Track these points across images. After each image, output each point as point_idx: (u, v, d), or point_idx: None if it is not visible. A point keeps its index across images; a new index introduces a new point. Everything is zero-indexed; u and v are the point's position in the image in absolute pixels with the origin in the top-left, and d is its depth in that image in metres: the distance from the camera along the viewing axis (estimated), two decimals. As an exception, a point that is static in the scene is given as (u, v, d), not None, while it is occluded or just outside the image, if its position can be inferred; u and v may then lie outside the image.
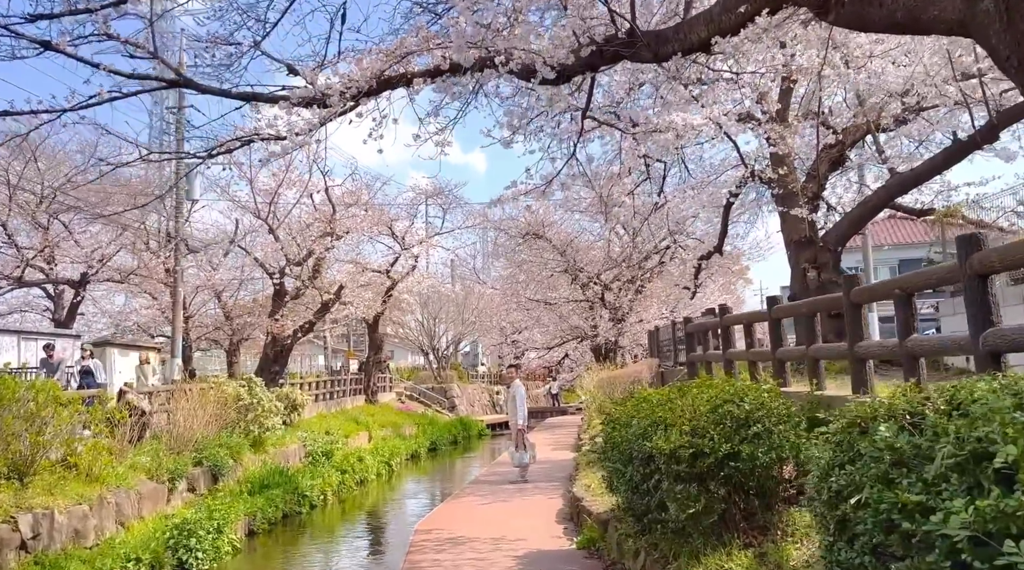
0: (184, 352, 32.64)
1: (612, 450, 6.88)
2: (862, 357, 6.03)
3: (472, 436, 36.52)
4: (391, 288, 30.70)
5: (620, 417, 7.00)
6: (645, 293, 30.34)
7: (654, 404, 6.04)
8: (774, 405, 5.19)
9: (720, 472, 4.95)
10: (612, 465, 6.80)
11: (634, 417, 6.36)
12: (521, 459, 14.24)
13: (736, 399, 5.22)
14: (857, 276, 6.18)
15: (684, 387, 6.30)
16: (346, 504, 17.96)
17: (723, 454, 4.95)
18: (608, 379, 21.65)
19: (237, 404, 17.24)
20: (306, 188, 21.07)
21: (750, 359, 8.66)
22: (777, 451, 4.99)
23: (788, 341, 12.05)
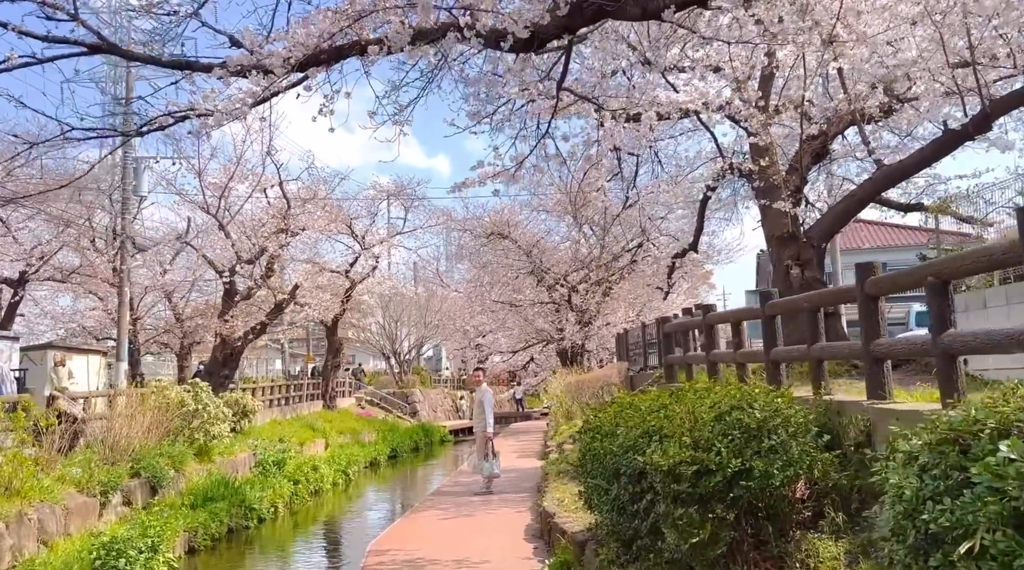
0: (132, 356, 31.23)
1: (592, 463, 6.01)
2: (880, 357, 5.23)
3: (434, 442, 35.49)
4: (351, 289, 29.60)
5: (601, 425, 6.14)
6: (613, 295, 29.62)
7: (644, 411, 5.19)
8: (789, 412, 4.36)
9: (728, 493, 4.11)
10: (592, 481, 5.94)
11: (619, 426, 5.51)
12: (491, 469, 13.30)
13: (745, 405, 4.38)
14: (873, 264, 5.38)
15: (679, 391, 5.46)
16: (298, 517, 16.88)
17: (732, 471, 4.10)
18: (576, 383, 20.84)
19: (181, 410, 16.10)
20: (259, 182, 19.97)
21: (739, 361, 7.86)
22: (796, 467, 4.16)
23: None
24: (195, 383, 16.93)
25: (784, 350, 6.75)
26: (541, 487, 12.08)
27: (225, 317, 19.59)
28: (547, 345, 34.84)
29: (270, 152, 19.22)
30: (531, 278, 31.11)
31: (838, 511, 4.27)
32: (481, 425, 13.71)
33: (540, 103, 8.65)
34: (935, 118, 11.40)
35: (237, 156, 19.40)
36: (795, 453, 4.16)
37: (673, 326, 10.91)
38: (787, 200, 11.56)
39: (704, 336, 8.91)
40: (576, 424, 19.39)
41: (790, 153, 12.83)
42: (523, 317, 31.80)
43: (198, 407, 16.17)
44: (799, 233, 11.99)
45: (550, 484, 10.78)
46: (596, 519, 6.75)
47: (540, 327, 32.20)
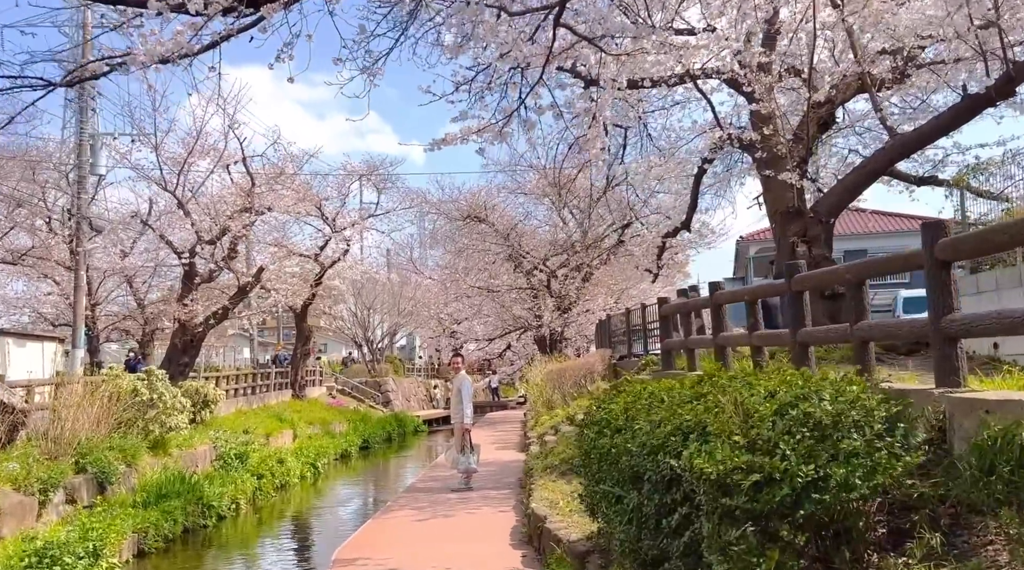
0: (91, 343, 29.86)
1: (599, 464, 5.02)
2: (955, 335, 4.28)
3: (408, 433, 34.42)
4: (321, 274, 28.38)
5: (610, 418, 5.13)
6: (593, 281, 28.71)
7: (673, 402, 4.19)
8: (871, 404, 3.38)
9: (797, 510, 3.14)
10: (600, 486, 4.94)
11: (635, 419, 4.51)
12: (466, 463, 12.28)
13: (813, 395, 3.41)
14: (944, 224, 4.42)
15: (714, 377, 4.46)
16: (263, 513, 15.78)
17: (803, 481, 3.12)
18: (557, 372, 19.89)
19: (134, 400, 14.91)
20: (221, 158, 18.71)
21: (756, 344, 6.90)
22: (883, 474, 3.20)
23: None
24: (150, 371, 15.73)
25: (819, 330, 5.80)
26: (526, 484, 11.10)
27: (184, 301, 18.36)
28: (524, 333, 33.90)
29: (232, 126, 17.99)
30: (508, 264, 30.13)
31: (932, 530, 3.30)
32: (459, 416, 12.67)
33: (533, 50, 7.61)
34: (955, 82, 10.53)
35: (196, 129, 18.15)
36: (883, 457, 3.19)
37: (672, 308, 9.96)
38: (793, 171, 10.63)
39: (711, 317, 7.94)
40: (558, 414, 18.43)
41: (791, 125, 11.90)
42: (500, 304, 30.82)
43: (153, 396, 14.98)
44: (805, 208, 11.08)
45: (536, 481, 9.79)
46: (599, 527, 5.77)
47: (518, 314, 31.24)
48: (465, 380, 12.76)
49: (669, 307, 10.04)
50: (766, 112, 11.17)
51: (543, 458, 12.18)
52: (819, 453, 3.18)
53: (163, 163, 18.13)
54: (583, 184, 17.90)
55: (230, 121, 18.04)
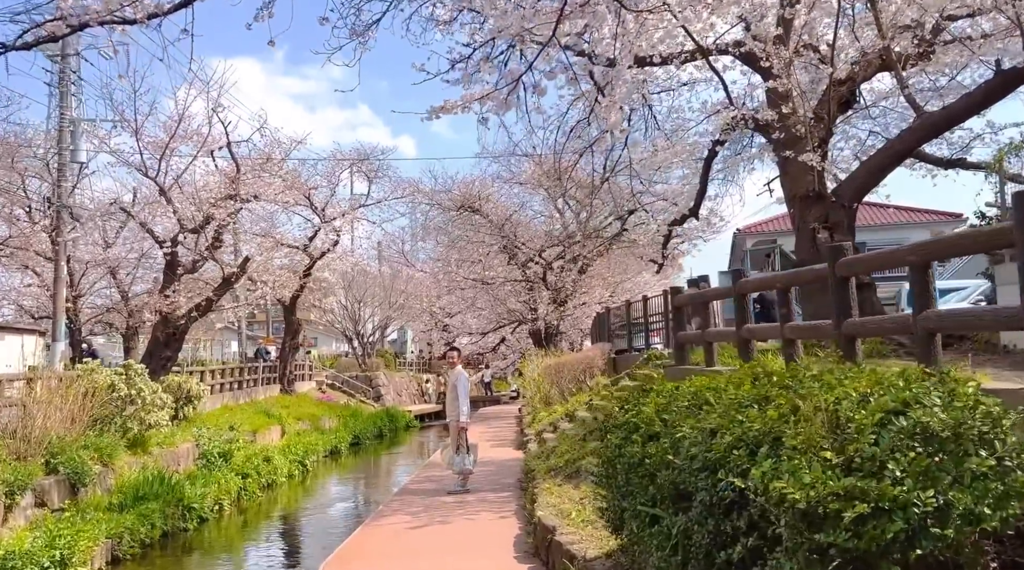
0: (72, 336, 29.00)
1: (628, 476, 4.29)
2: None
3: (399, 428, 33.68)
4: (310, 266, 27.58)
5: (640, 421, 4.41)
6: (589, 273, 28.01)
7: (728, 405, 3.47)
8: (997, 412, 2.67)
9: (912, 548, 2.43)
10: (627, 502, 4.21)
11: (676, 425, 3.79)
12: (461, 464, 11.53)
13: (922, 399, 2.69)
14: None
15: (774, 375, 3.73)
16: (247, 515, 15.04)
17: (922, 512, 2.41)
18: (555, 366, 19.18)
19: (111, 396, 14.13)
20: (204, 143, 17.88)
21: (789, 336, 6.18)
22: (1020, 501, 2.49)
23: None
24: (128, 365, 14.94)
25: (871, 321, 5.08)
26: (528, 487, 10.38)
27: (166, 293, 17.55)
28: (519, 326, 33.17)
29: (216, 109, 17.17)
30: (502, 256, 29.39)
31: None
32: (455, 413, 11.90)
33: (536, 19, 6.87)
34: (986, 57, 9.85)
35: (178, 113, 17.31)
36: (1019, 479, 2.49)
37: (686, 298, 9.22)
38: (815, 151, 9.91)
39: (736, 308, 7.22)
40: (557, 411, 17.72)
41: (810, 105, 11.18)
42: (494, 296, 30.08)
43: (131, 392, 14.20)
44: (826, 191, 10.37)
45: (540, 485, 9.07)
46: (621, 544, 5.06)
47: (512, 307, 30.50)
48: (461, 375, 11.99)
49: (684, 297, 9.31)
50: (783, 90, 10.46)
51: (544, 458, 11.47)
52: (939, 476, 2.47)
53: (143, 148, 17.30)
54: (582, 172, 17.16)
55: (214, 104, 17.24)
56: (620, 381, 16.62)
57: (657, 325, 17.48)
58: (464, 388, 11.92)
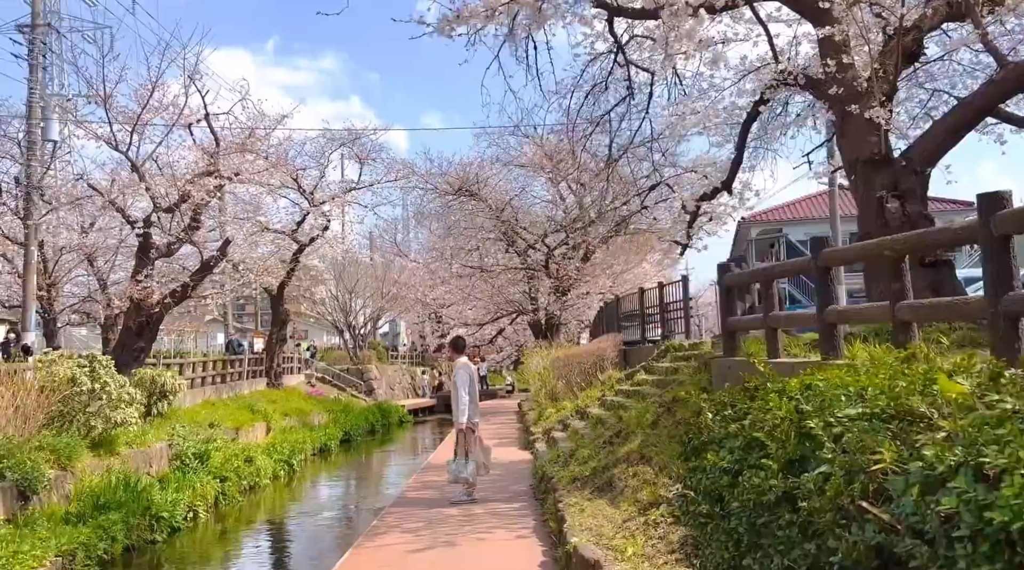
0: (47, 326, 27.41)
1: (755, 518, 2.84)
2: None
3: (392, 424, 32.20)
4: (298, 253, 26.05)
5: (768, 439, 2.96)
6: (592, 261, 26.59)
7: (966, 424, 2.04)
8: None
9: None
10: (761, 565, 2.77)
11: (857, 450, 2.35)
12: (457, 472, 10.01)
13: None
14: None
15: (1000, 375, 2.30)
16: (226, 522, 13.56)
17: None
18: (564, 359, 17.76)
19: (73, 390, 12.63)
20: (180, 115, 16.33)
21: (906, 319, 4.72)
22: None
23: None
24: (92, 356, 13.43)
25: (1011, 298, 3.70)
26: (545, 498, 8.95)
27: (138, 277, 16.03)
28: (517, 317, 31.74)
29: (192, 77, 15.61)
30: (501, 243, 27.94)
31: None
32: (456, 413, 10.35)
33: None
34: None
35: (151, 80, 15.75)
36: None
37: (742, 277, 7.76)
38: (882, 108, 8.48)
39: (818, 285, 5.76)
40: (566, 407, 16.30)
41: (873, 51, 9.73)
42: (492, 286, 28.62)
43: (95, 386, 12.69)
44: (892, 155, 8.95)
45: (564, 498, 7.64)
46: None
47: (511, 297, 29.06)
48: (465, 369, 10.40)
49: (739, 276, 7.83)
50: (841, 37, 9.04)
51: (562, 463, 10.03)
52: None
53: (113, 119, 15.74)
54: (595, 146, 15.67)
55: (191, 71, 15.69)
56: (635, 375, 15.21)
57: (677, 314, 16.06)
58: (463, 382, 10.31)
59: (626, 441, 8.80)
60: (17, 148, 24.47)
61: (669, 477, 6.60)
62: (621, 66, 11.98)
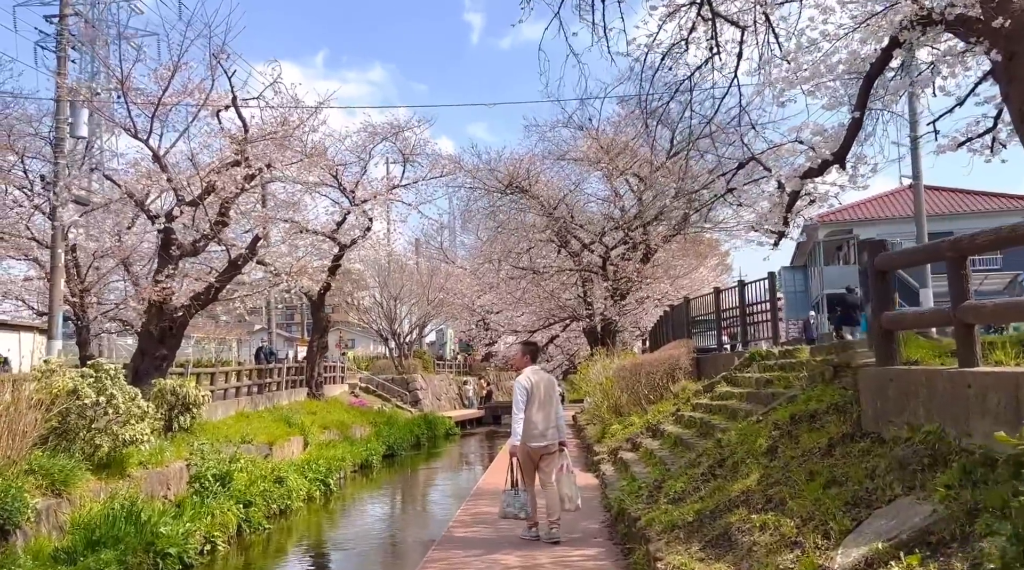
0: (80, 334, 26.22)
1: None
2: None
3: (438, 436, 30.52)
4: (339, 256, 24.51)
5: None
6: (653, 262, 24.57)
7: None
8: None
9: None
10: None
11: None
12: (507, 506, 8.18)
13: None
14: None
15: None
16: (250, 554, 11.87)
17: None
18: (630, 368, 15.77)
19: (74, 404, 11.06)
20: (206, 99, 14.81)
21: None
22: None
23: None
24: (97, 364, 11.87)
25: None
26: (629, 546, 7.03)
27: (158, 277, 14.52)
28: (570, 324, 29.79)
29: (217, 56, 14.05)
30: (553, 244, 26.08)
31: None
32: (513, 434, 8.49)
33: None
34: None
35: (173, 60, 14.25)
36: None
37: (906, 256, 5.75)
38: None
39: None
40: (634, 423, 14.31)
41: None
42: (545, 290, 26.73)
43: (99, 399, 11.11)
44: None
45: (662, 553, 5.74)
46: None
47: (564, 301, 27.13)
48: (528, 380, 8.55)
49: (895, 255, 5.85)
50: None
51: (646, 497, 8.09)
52: None
53: (130, 103, 14.28)
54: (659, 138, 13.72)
55: (216, 51, 14.15)
56: (715, 387, 13.20)
57: (763, 317, 14.03)
58: (514, 399, 8.49)
59: (734, 474, 6.84)
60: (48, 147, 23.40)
61: (824, 535, 4.66)
62: (706, 20, 10.08)
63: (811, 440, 6.41)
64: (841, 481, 5.46)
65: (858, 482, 5.27)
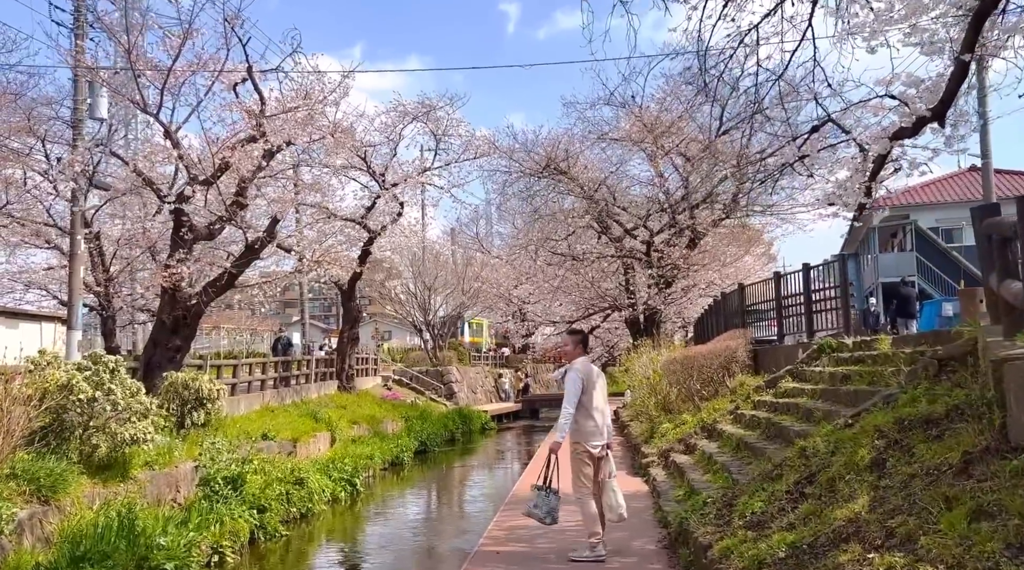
0: (105, 324, 25.42)
1: None
2: None
3: (474, 431, 29.37)
4: (369, 243, 23.39)
5: None
6: (700, 248, 23.09)
7: None
8: None
9: None
10: None
11: None
12: (532, 507, 7.05)
13: None
14: None
15: None
16: (264, 564, 10.76)
17: None
18: (681, 360, 14.38)
19: (69, 399, 10.01)
20: (221, 69, 13.71)
21: None
22: None
23: None
24: (96, 356, 10.81)
25: None
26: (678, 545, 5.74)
27: (169, 263, 13.49)
28: (610, 314, 28.38)
29: (231, 21, 12.92)
30: (590, 232, 24.73)
31: None
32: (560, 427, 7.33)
33: None
34: None
35: (183, 26, 13.16)
36: None
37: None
38: None
39: None
40: (687, 422, 12.93)
41: None
42: (584, 278, 25.38)
43: (96, 394, 10.05)
44: None
45: None
46: None
47: (605, 290, 25.75)
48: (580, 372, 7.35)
49: None
50: None
51: (715, 516, 6.76)
52: None
53: (138, 73, 13.21)
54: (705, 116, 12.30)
55: (231, 17, 13.02)
56: (780, 383, 11.79)
57: (831, 305, 12.59)
58: (567, 390, 7.28)
59: (832, 495, 5.50)
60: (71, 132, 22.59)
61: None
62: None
63: (934, 454, 5.05)
64: (992, 512, 4.12)
65: (1020, 516, 3.94)
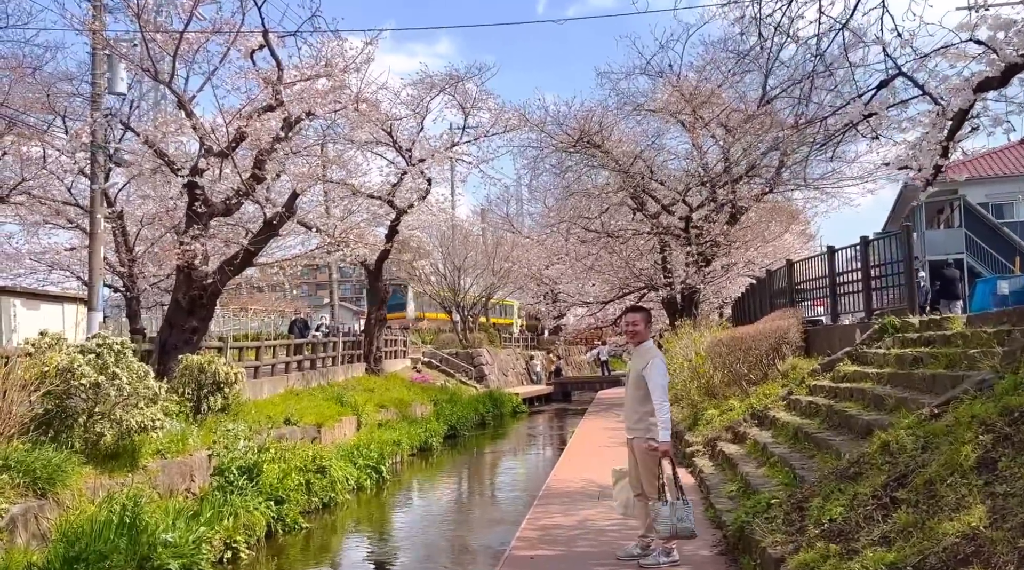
0: (130, 306, 24.94)
1: None
2: None
3: (505, 414, 28.63)
4: (396, 221, 22.64)
5: None
6: (741, 224, 22.02)
7: None
8: None
9: None
10: None
11: None
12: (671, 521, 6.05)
13: None
14: None
15: None
16: (280, 560, 10.05)
17: None
18: (727, 342, 13.43)
19: (72, 384, 9.34)
20: (236, 33, 12.94)
21: None
22: None
23: None
24: (101, 337, 10.13)
25: None
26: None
27: (183, 240, 12.79)
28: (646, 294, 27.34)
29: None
30: (626, 207, 23.73)
31: None
32: (643, 424, 6.39)
33: None
34: None
35: (195, -11, 12.34)
36: None
37: None
38: None
39: None
40: (734, 408, 11.98)
41: None
42: (619, 256, 24.40)
43: (99, 379, 9.36)
44: None
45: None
46: None
47: (640, 269, 24.76)
48: (654, 359, 6.42)
49: None
50: None
51: (783, 522, 5.86)
52: None
53: (149, 40, 12.46)
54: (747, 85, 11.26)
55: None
56: (837, 366, 10.81)
57: (890, 281, 11.56)
58: (657, 383, 6.27)
59: (934, 501, 4.58)
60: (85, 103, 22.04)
61: None
62: None
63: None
64: None
65: None
